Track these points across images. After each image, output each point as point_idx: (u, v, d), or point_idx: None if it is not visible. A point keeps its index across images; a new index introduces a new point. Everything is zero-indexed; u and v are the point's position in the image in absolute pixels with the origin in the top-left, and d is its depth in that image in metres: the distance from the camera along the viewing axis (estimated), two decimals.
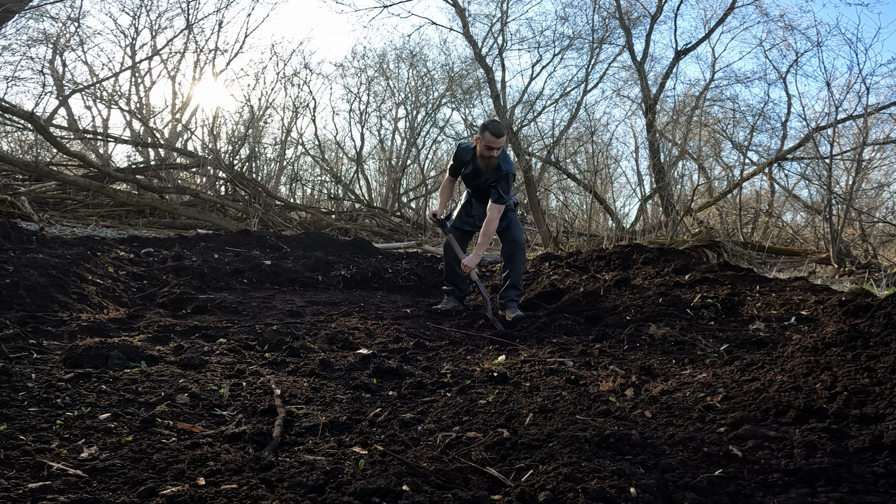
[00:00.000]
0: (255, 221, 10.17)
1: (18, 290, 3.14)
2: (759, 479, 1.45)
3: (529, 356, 2.90)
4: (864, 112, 10.49)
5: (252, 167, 13.39)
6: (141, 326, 3.09)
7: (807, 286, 3.87)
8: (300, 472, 1.44)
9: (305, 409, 1.97)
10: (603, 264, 5.38)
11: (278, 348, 2.88)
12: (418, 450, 1.65)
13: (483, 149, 4.14)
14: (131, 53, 15.29)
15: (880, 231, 11.93)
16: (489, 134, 4.08)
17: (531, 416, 1.89)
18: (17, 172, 9.34)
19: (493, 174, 4.24)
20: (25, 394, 1.85)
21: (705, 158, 15.29)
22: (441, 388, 2.33)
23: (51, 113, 11.40)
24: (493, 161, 4.19)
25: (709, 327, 3.34)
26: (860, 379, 1.98)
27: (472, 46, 14.12)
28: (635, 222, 14.81)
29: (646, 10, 14.07)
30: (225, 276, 4.93)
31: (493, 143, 4.10)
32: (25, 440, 1.52)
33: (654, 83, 14.24)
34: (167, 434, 1.66)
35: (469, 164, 4.38)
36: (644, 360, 2.78)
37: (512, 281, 4.29)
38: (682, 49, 13.87)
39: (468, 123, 16.64)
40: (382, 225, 12.98)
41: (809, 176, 12.66)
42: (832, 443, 1.58)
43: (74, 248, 4.66)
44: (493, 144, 4.10)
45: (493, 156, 4.15)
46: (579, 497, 1.28)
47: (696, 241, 9.51)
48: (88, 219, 8.84)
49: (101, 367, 2.19)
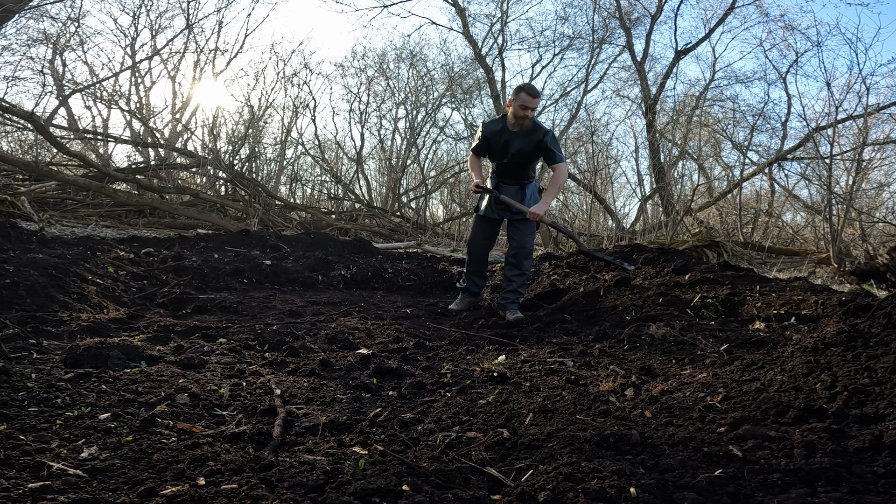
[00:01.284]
0: (255, 221, 10.17)
1: (18, 290, 3.14)
2: (759, 479, 1.45)
3: (529, 356, 2.90)
4: (864, 112, 10.49)
5: (252, 167, 13.39)
6: (141, 326, 3.09)
7: (807, 286, 3.87)
8: (300, 472, 1.44)
9: (305, 409, 1.97)
10: (603, 264, 5.37)
11: (278, 348, 2.88)
12: (418, 450, 1.65)
13: (518, 109, 4.03)
14: (131, 53, 15.31)
15: (880, 231, 11.93)
16: (524, 94, 4.00)
17: (531, 416, 1.89)
18: (18, 172, 9.34)
19: (529, 138, 4.12)
20: (25, 394, 1.85)
21: (705, 158, 15.29)
22: (441, 388, 2.33)
23: (51, 113, 11.41)
24: (527, 122, 4.09)
25: (709, 327, 3.34)
26: (860, 379, 1.98)
27: (472, 46, 14.14)
28: (635, 222, 14.81)
29: (646, 10, 14.09)
30: (225, 275, 4.93)
31: (529, 103, 4.01)
32: (25, 440, 1.52)
33: (655, 83, 14.25)
34: (167, 434, 1.66)
35: (499, 134, 4.23)
36: (644, 360, 2.78)
37: (515, 284, 4.26)
38: (682, 49, 13.88)
39: (468, 123, 16.65)
40: (382, 225, 12.98)
41: (809, 176, 12.67)
42: (832, 443, 1.58)
43: (74, 247, 4.66)
44: (528, 104, 4.01)
45: (527, 116, 4.04)
46: (579, 497, 1.28)
47: (696, 241, 9.51)
48: (88, 219, 8.84)
49: (101, 367, 2.19)
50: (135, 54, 15.21)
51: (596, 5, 14.18)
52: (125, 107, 14.38)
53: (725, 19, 13.74)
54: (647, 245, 6.54)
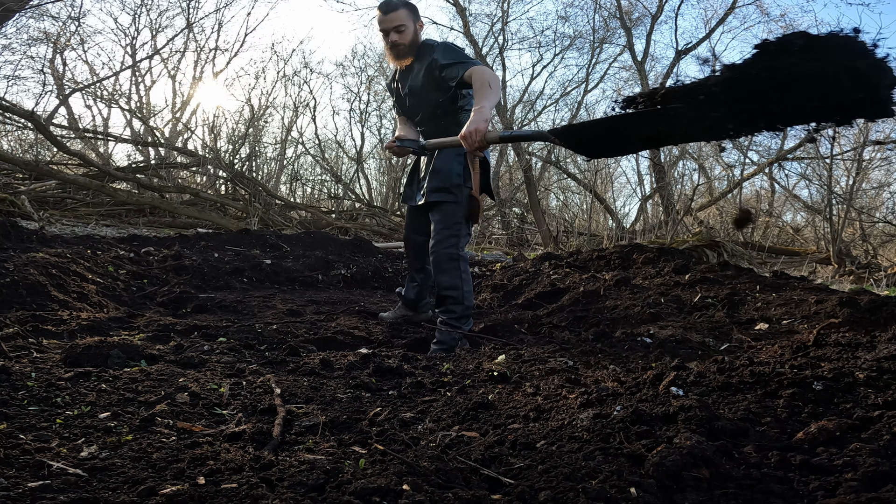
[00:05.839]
0: (256, 220, 10.17)
1: (18, 289, 3.14)
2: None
3: (530, 356, 2.90)
4: None
5: (252, 166, 13.40)
6: (141, 325, 3.09)
7: (807, 286, 3.87)
8: (300, 471, 1.44)
9: (305, 409, 1.97)
10: (603, 264, 5.38)
11: (278, 347, 2.88)
12: (418, 449, 1.65)
13: (383, 40, 3.00)
14: (131, 52, 15.32)
15: (880, 231, 11.93)
16: (378, 13, 2.95)
17: (531, 416, 1.89)
18: (18, 171, 9.34)
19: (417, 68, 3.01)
20: (25, 393, 1.85)
21: (705, 158, 15.30)
22: (441, 388, 2.33)
23: (51, 112, 11.43)
24: (404, 50, 3.00)
25: (709, 327, 3.34)
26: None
27: (472, 46, 14.13)
28: (635, 222, 14.83)
29: (646, 10, 14.10)
30: (225, 275, 4.93)
31: (382, 23, 2.94)
32: (25, 439, 1.52)
33: (655, 83, 14.25)
34: (167, 433, 1.66)
35: (393, 80, 3.24)
36: (644, 360, 2.78)
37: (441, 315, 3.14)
38: (682, 49, 13.89)
39: None
40: (383, 224, 12.98)
41: (809, 176, 12.68)
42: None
43: (74, 246, 4.66)
44: (381, 25, 2.94)
45: (396, 44, 2.96)
46: (580, 497, 1.28)
47: (696, 240, 9.51)
48: (88, 218, 8.84)
49: (100, 366, 2.19)
50: (135, 53, 15.24)
51: (597, 5, 14.20)
52: (125, 106, 14.40)
53: (726, 19, 13.77)
54: (647, 245, 6.54)
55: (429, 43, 3.00)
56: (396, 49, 2.98)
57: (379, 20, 2.95)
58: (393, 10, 2.92)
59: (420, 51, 3.01)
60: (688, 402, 1.68)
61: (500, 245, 13.03)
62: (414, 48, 3.01)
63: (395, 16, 2.92)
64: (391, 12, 2.92)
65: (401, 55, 3.00)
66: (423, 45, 3.00)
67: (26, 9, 10.03)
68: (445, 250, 3.02)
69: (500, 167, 15.40)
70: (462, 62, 2.80)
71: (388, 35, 2.95)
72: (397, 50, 2.98)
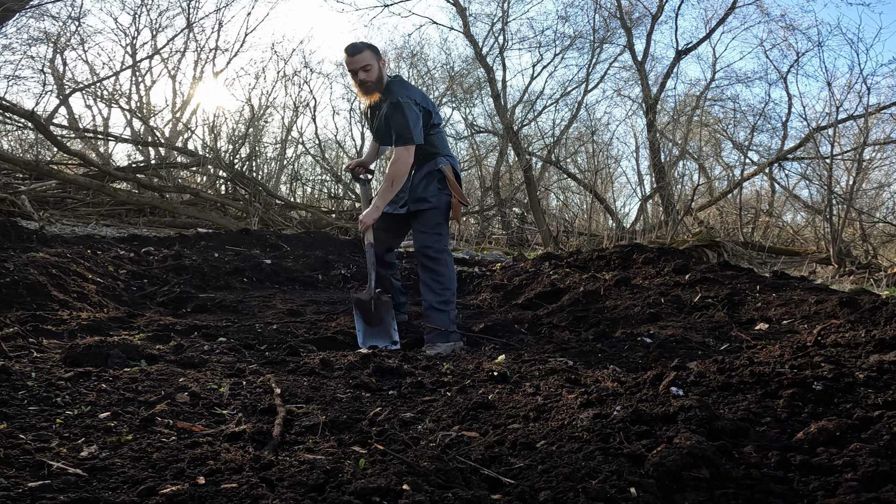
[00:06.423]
0: (256, 220, 10.16)
1: (19, 289, 3.14)
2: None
3: (529, 356, 2.90)
4: (864, 112, 10.49)
5: (252, 166, 13.38)
6: (141, 325, 3.09)
7: (807, 286, 3.87)
8: (300, 471, 1.43)
9: (305, 408, 1.97)
10: (603, 264, 5.37)
11: (278, 347, 2.88)
12: (418, 449, 1.65)
13: (352, 79, 3.32)
14: (132, 52, 15.31)
15: (880, 231, 11.94)
16: (345, 55, 3.26)
17: (531, 416, 1.89)
18: (18, 171, 9.34)
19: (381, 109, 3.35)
20: (25, 392, 1.85)
21: (706, 158, 15.30)
22: (441, 388, 2.33)
23: (51, 112, 11.43)
24: (371, 88, 3.31)
25: (709, 327, 3.34)
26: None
27: (472, 46, 14.13)
28: (635, 222, 14.82)
29: (647, 10, 14.09)
30: (225, 275, 4.93)
31: (349, 64, 3.27)
32: (25, 439, 1.52)
33: (655, 83, 14.25)
34: (167, 433, 1.66)
35: (368, 106, 3.49)
36: (644, 360, 2.78)
37: (427, 300, 3.40)
38: (682, 49, 13.88)
39: (468, 123, 16.64)
40: None
41: (810, 176, 12.68)
42: None
43: (74, 246, 4.66)
44: (349, 66, 3.28)
45: (363, 83, 3.28)
46: (579, 497, 1.28)
47: (697, 240, 9.51)
48: (88, 217, 8.84)
49: (101, 366, 2.19)
50: (135, 53, 15.23)
51: (597, 5, 14.17)
52: (125, 106, 14.39)
53: (726, 19, 13.75)
54: (648, 245, 6.54)
55: (392, 83, 3.37)
56: (364, 86, 3.32)
57: (347, 62, 3.29)
58: (359, 52, 3.27)
59: (386, 87, 3.37)
60: (688, 402, 1.68)
61: (500, 245, 13.02)
62: (381, 83, 3.36)
63: (360, 57, 3.26)
64: (357, 54, 3.27)
65: (368, 91, 3.35)
66: (389, 83, 3.38)
67: (26, 9, 10.03)
68: (433, 245, 3.43)
69: (500, 167, 15.40)
70: (405, 130, 3.25)
71: (357, 74, 3.28)
72: (365, 87, 3.33)
